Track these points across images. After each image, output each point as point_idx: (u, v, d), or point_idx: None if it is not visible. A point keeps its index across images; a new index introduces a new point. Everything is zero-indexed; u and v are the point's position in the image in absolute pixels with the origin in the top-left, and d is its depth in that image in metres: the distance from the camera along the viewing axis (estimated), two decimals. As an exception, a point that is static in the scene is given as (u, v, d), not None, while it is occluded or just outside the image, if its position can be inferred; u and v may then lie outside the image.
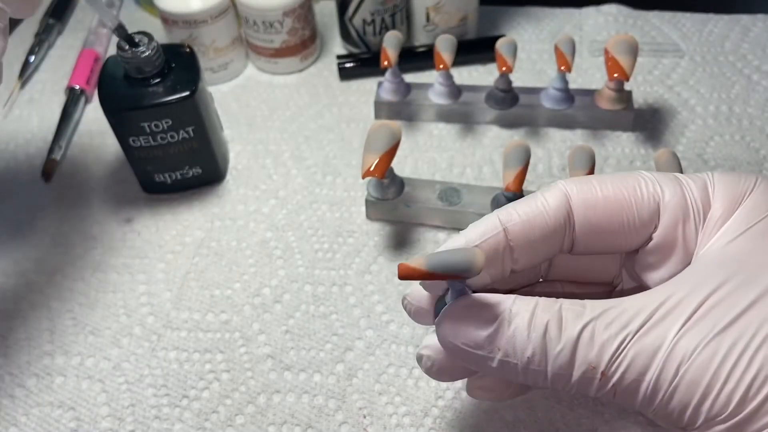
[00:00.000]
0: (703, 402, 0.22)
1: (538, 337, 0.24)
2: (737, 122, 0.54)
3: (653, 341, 0.23)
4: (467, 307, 0.25)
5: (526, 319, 0.24)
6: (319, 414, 0.39)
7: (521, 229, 0.26)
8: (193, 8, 0.56)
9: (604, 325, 0.24)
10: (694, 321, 0.23)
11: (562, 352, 0.24)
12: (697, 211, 0.26)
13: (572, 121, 0.54)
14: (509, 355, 0.24)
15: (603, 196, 0.26)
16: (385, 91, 0.55)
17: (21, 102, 0.61)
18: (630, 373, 0.23)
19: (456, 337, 0.25)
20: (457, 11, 0.60)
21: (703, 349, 0.22)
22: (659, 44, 0.62)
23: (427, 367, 0.28)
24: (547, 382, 0.24)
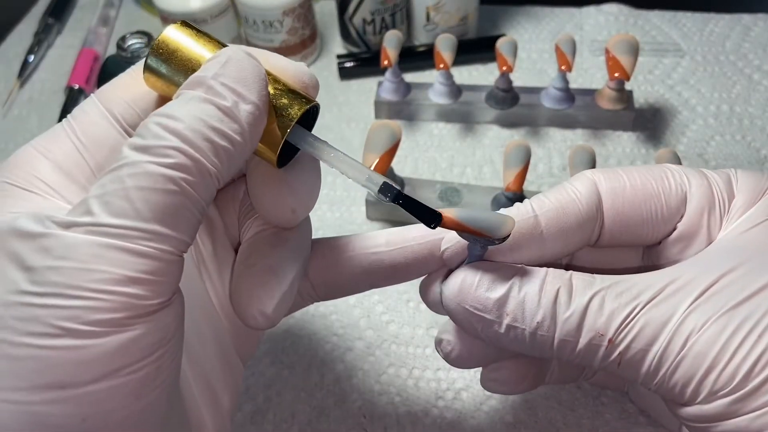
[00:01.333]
0: (708, 375, 0.22)
1: (548, 302, 0.24)
2: (738, 122, 0.54)
3: (663, 313, 0.23)
4: (477, 270, 0.25)
5: (537, 284, 0.24)
6: (319, 414, 0.39)
7: (554, 216, 0.26)
8: (192, 7, 0.56)
9: (614, 295, 0.24)
10: (705, 297, 0.23)
11: (570, 317, 0.24)
12: (722, 201, 0.26)
13: (573, 121, 0.54)
14: (517, 320, 0.24)
15: (631, 185, 0.26)
16: (385, 91, 0.55)
17: (20, 101, 0.61)
18: (637, 342, 0.23)
19: (464, 299, 0.25)
20: (458, 11, 0.59)
21: (712, 323, 0.22)
22: (660, 44, 0.62)
23: (446, 352, 0.28)
24: (553, 350, 0.24)
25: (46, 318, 0.19)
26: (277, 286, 0.26)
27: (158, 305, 0.20)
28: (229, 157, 0.22)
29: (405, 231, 0.29)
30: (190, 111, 0.21)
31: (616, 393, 0.38)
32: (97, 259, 0.19)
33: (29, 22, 0.69)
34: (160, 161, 0.20)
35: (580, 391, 0.39)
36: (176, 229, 0.21)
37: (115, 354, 0.19)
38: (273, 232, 0.27)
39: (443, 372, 0.40)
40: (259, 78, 0.23)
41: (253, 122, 0.23)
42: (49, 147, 0.24)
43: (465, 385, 0.40)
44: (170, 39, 0.24)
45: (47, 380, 0.19)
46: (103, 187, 0.20)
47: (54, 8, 0.68)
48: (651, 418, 0.37)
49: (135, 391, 0.20)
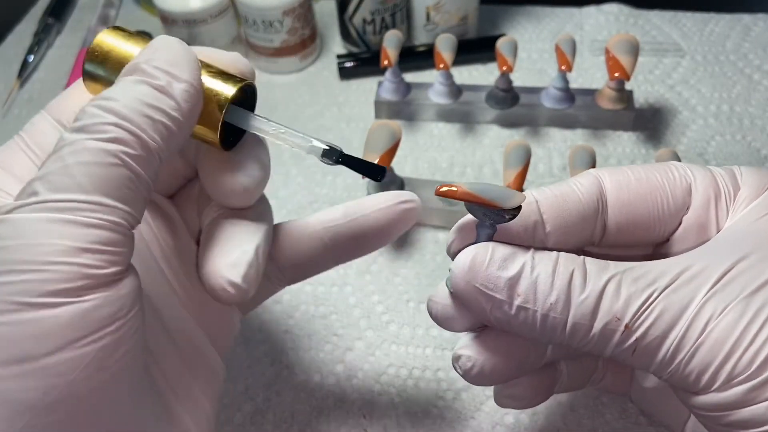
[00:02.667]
0: (726, 361, 0.22)
1: (563, 284, 0.23)
2: (738, 122, 0.54)
3: (682, 298, 0.23)
4: (488, 248, 0.24)
5: (550, 265, 0.24)
6: (319, 414, 0.39)
7: (554, 201, 0.25)
8: (192, 7, 0.56)
9: (630, 279, 0.23)
10: (722, 284, 0.23)
11: (586, 300, 0.23)
12: (728, 192, 0.26)
13: (573, 121, 0.54)
14: (529, 301, 0.23)
15: (635, 178, 0.26)
16: (385, 91, 0.55)
17: (20, 101, 0.61)
18: (655, 328, 0.23)
19: (474, 277, 0.24)
20: (458, 10, 0.59)
21: (731, 309, 0.22)
22: (660, 44, 0.62)
23: (466, 369, 0.26)
24: (564, 335, 0.24)
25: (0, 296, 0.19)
26: (242, 255, 0.26)
27: (112, 275, 0.21)
28: (169, 132, 0.23)
29: (361, 201, 0.30)
30: (125, 92, 0.22)
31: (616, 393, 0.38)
32: (44, 234, 0.20)
33: (29, 22, 0.69)
34: (99, 137, 0.21)
35: (580, 392, 0.39)
36: (121, 200, 0.21)
37: (71, 324, 0.20)
38: (231, 212, 0.28)
39: (443, 372, 0.40)
40: (191, 60, 0.24)
41: (189, 99, 0.23)
42: (5, 161, 0.25)
43: (465, 385, 0.40)
44: (104, 42, 0.25)
45: (5, 356, 0.19)
46: (45, 168, 0.21)
47: (54, 8, 0.68)
48: (651, 419, 0.37)
49: (96, 362, 0.20)
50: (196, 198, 0.30)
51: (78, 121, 0.22)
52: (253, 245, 0.27)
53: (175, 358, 0.27)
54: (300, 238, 0.30)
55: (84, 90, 0.26)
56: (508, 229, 0.25)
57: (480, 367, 0.26)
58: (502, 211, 0.23)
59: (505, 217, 0.23)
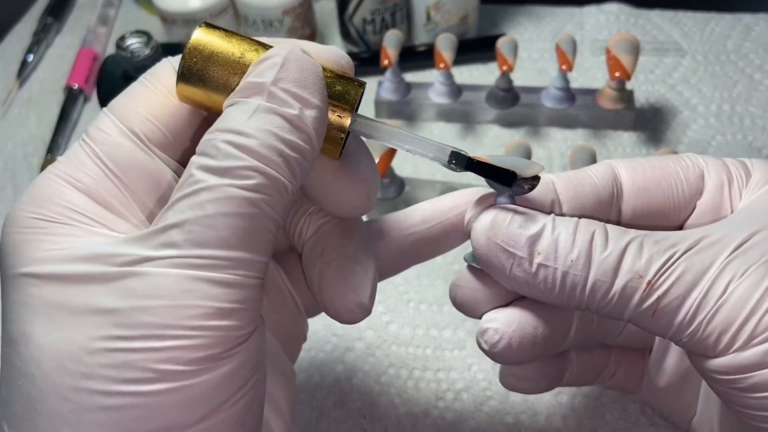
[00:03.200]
0: (747, 322, 0.22)
1: (584, 242, 0.23)
2: (739, 121, 0.54)
3: (704, 260, 0.23)
4: (509, 209, 0.24)
5: (570, 226, 0.24)
6: (320, 414, 0.39)
7: (569, 183, 0.25)
8: (192, 7, 0.56)
9: (652, 241, 0.23)
10: (742, 250, 0.23)
11: (608, 257, 0.23)
12: (740, 176, 0.26)
13: (573, 121, 0.54)
14: (549, 258, 0.23)
15: (649, 165, 0.26)
16: (385, 91, 0.55)
17: (19, 101, 0.61)
18: (677, 287, 0.22)
19: (496, 234, 0.24)
20: (458, 10, 0.59)
21: (752, 272, 0.22)
22: (661, 43, 0.61)
23: (493, 342, 0.25)
24: (584, 294, 0.23)
25: (141, 362, 0.18)
26: (365, 274, 0.25)
27: (249, 333, 0.20)
28: (302, 168, 0.21)
29: (438, 204, 0.28)
30: (258, 125, 0.20)
31: (616, 393, 0.38)
32: (188, 294, 0.18)
33: (28, 21, 0.69)
34: (240, 183, 0.19)
35: (580, 392, 0.39)
36: (259, 252, 0.20)
37: (215, 390, 0.19)
38: (337, 222, 0.26)
39: (443, 373, 0.40)
40: (319, 77, 0.22)
41: (319, 127, 0.22)
42: (75, 175, 0.22)
43: (465, 385, 0.40)
44: (203, 43, 0.22)
45: (150, 427, 0.18)
46: (181, 213, 0.19)
47: (53, 8, 0.68)
48: (651, 419, 0.37)
49: (238, 422, 0.20)
50: None
51: (211, 158, 0.20)
52: (372, 261, 0.26)
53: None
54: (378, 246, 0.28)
55: (153, 90, 0.24)
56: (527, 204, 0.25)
57: (508, 340, 0.25)
58: (520, 180, 0.23)
59: (524, 187, 0.24)
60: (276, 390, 0.27)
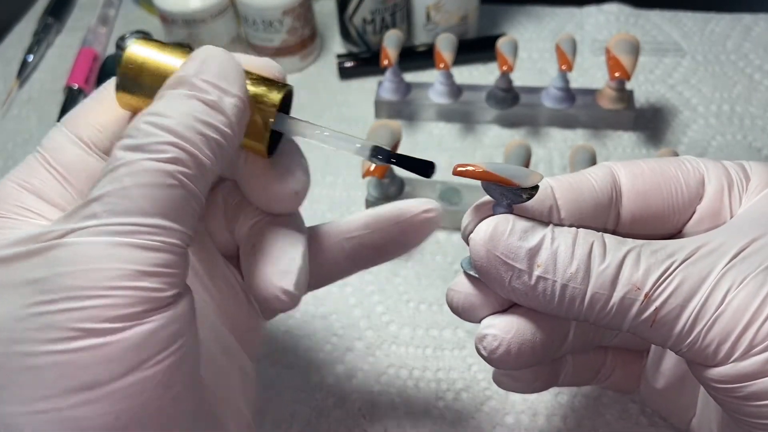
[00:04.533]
0: (747, 329, 0.22)
1: (583, 254, 0.23)
2: (739, 122, 0.54)
3: (701, 270, 0.23)
4: (509, 219, 0.24)
5: (570, 237, 0.24)
6: (319, 414, 0.39)
7: (569, 188, 0.25)
8: (192, 7, 0.56)
9: (650, 252, 0.23)
10: (741, 258, 0.23)
11: (606, 270, 0.23)
12: (740, 181, 0.26)
13: (573, 121, 0.54)
14: (549, 271, 0.23)
15: (649, 168, 0.26)
16: (385, 91, 0.55)
17: (19, 101, 0.61)
18: (675, 298, 0.22)
19: (495, 246, 0.24)
20: (458, 10, 0.59)
21: (750, 280, 0.22)
22: (660, 43, 0.61)
23: (492, 348, 0.25)
24: (583, 306, 0.23)
25: (62, 322, 0.19)
26: (292, 261, 0.26)
27: (172, 297, 0.21)
28: (221, 149, 0.23)
29: (381, 210, 0.30)
30: (177, 107, 0.22)
31: (616, 393, 0.38)
32: (106, 258, 0.20)
33: (28, 21, 0.69)
34: (157, 157, 0.21)
35: (580, 392, 0.39)
36: (179, 222, 0.21)
37: (137, 347, 0.20)
38: (269, 220, 0.28)
39: (443, 372, 0.40)
40: (238, 72, 0.24)
41: (239, 114, 0.23)
42: (27, 180, 0.24)
43: (465, 385, 0.40)
44: (136, 54, 0.25)
45: (74, 383, 0.19)
46: (101, 188, 0.21)
47: (53, 8, 0.68)
48: (652, 419, 0.37)
49: (163, 382, 0.20)
50: (222, 209, 0.29)
51: (131, 138, 0.21)
52: (300, 251, 0.27)
53: (213, 366, 0.27)
54: (321, 247, 0.30)
55: (102, 102, 0.26)
56: (524, 212, 0.25)
57: (507, 346, 0.25)
58: (519, 190, 0.23)
59: (522, 196, 0.24)
60: (231, 387, 0.27)
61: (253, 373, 0.29)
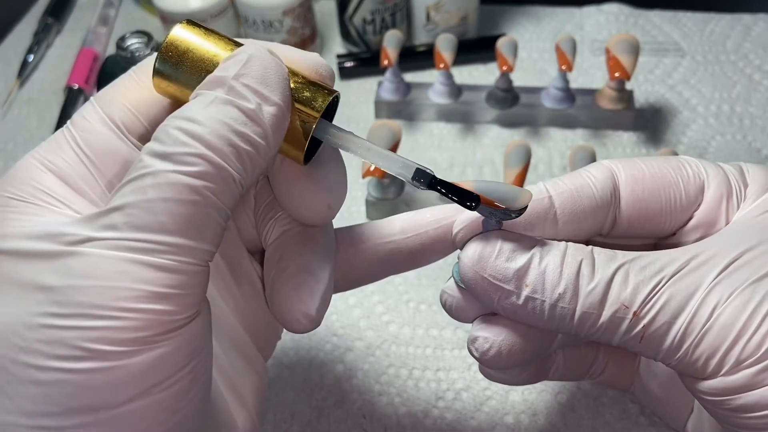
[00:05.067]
0: (735, 345, 0.22)
1: (571, 274, 0.23)
2: (739, 122, 0.54)
3: (688, 285, 0.23)
4: (497, 239, 0.24)
5: (558, 256, 0.24)
6: (319, 414, 0.39)
7: (569, 197, 0.25)
8: (192, 7, 0.56)
9: (638, 268, 0.23)
10: (729, 271, 0.23)
11: (594, 289, 0.23)
12: (739, 190, 0.26)
13: (573, 121, 0.54)
14: (537, 291, 0.23)
15: (650, 173, 0.26)
16: (385, 91, 0.55)
17: (20, 101, 0.61)
18: (663, 315, 0.23)
19: (483, 268, 0.24)
20: (458, 10, 0.59)
21: (738, 295, 0.22)
22: (660, 43, 0.62)
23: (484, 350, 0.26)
24: (572, 324, 0.24)
25: (72, 340, 0.18)
26: (316, 285, 0.25)
27: (186, 319, 0.20)
28: (253, 162, 0.21)
29: (418, 216, 0.28)
30: (212, 114, 0.20)
31: (616, 393, 0.38)
32: (121, 276, 0.19)
33: (29, 21, 0.69)
34: (184, 170, 0.20)
35: (580, 392, 0.39)
36: (201, 239, 0.20)
37: (145, 372, 0.19)
38: (299, 231, 0.26)
39: (443, 372, 0.40)
40: (282, 77, 0.22)
41: (276, 124, 0.22)
42: (52, 159, 0.23)
43: (465, 385, 0.40)
44: (180, 39, 0.23)
45: (79, 404, 0.19)
46: (124, 197, 0.20)
47: (53, 8, 0.68)
48: (652, 419, 0.37)
49: (170, 407, 0.20)
50: (251, 205, 0.28)
51: (159, 142, 0.20)
52: (327, 273, 0.25)
53: (228, 365, 0.27)
54: (355, 252, 0.29)
55: (138, 82, 0.24)
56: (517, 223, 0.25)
57: (498, 348, 0.26)
58: (508, 210, 0.23)
59: (511, 215, 0.23)
60: (243, 383, 0.27)
61: (265, 374, 0.29)
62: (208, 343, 0.21)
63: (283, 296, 0.25)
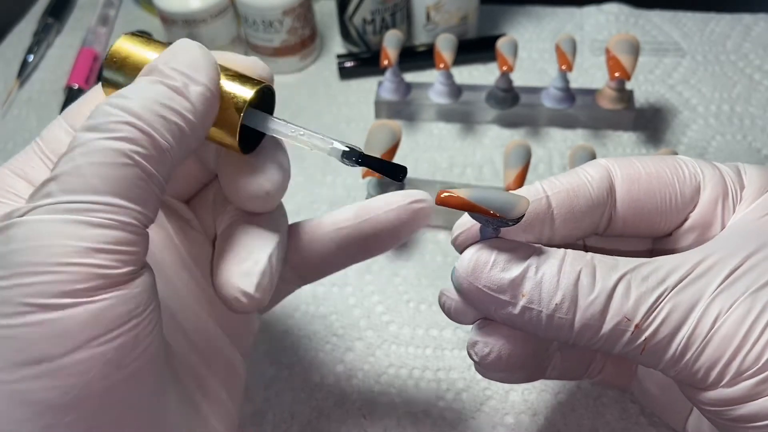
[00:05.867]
0: (735, 357, 0.22)
1: (569, 284, 0.23)
2: (739, 122, 0.54)
3: (691, 297, 0.23)
4: (492, 249, 0.24)
5: (555, 265, 0.23)
6: (319, 414, 0.39)
7: (565, 197, 0.25)
8: (192, 7, 0.56)
9: (640, 278, 0.23)
10: (730, 281, 0.23)
11: (595, 301, 0.23)
12: (735, 191, 0.26)
13: (573, 121, 0.54)
14: (534, 301, 0.23)
15: (646, 173, 0.26)
16: (385, 91, 0.55)
17: (19, 101, 0.61)
18: (665, 327, 0.22)
19: (477, 278, 0.24)
20: (458, 10, 0.59)
21: (739, 305, 0.22)
22: (660, 43, 0.62)
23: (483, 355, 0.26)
24: (572, 334, 0.23)
25: (14, 297, 0.19)
26: (255, 265, 0.26)
27: (126, 275, 0.21)
28: (182, 133, 0.22)
29: (372, 201, 0.29)
30: (140, 91, 0.22)
31: (616, 393, 0.38)
32: (56, 235, 0.20)
33: (29, 21, 0.69)
34: (110, 135, 0.21)
35: (580, 392, 0.39)
36: (133, 200, 0.21)
37: (86, 324, 0.20)
38: (246, 219, 0.28)
39: (443, 372, 0.40)
40: (209, 63, 0.24)
41: (204, 102, 0.23)
42: (21, 167, 0.25)
43: (465, 385, 0.40)
44: (122, 48, 0.25)
45: (23, 357, 0.19)
46: (57, 168, 0.21)
47: (53, 8, 0.68)
48: (652, 419, 0.37)
49: (113, 360, 0.20)
50: (210, 200, 0.30)
51: (91, 119, 0.21)
52: (266, 253, 0.27)
53: (195, 358, 0.27)
54: (312, 238, 0.30)
55: (99, 96, 0.26)
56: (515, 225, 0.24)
57: (497, 352, 0.26)
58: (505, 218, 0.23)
59: (508, 223, 0.23)
60: (216, 380, 0.28)
61: (241, 366, 0.30)
62: (154, 307, 0.22)
63: (222, 276, 0.26)
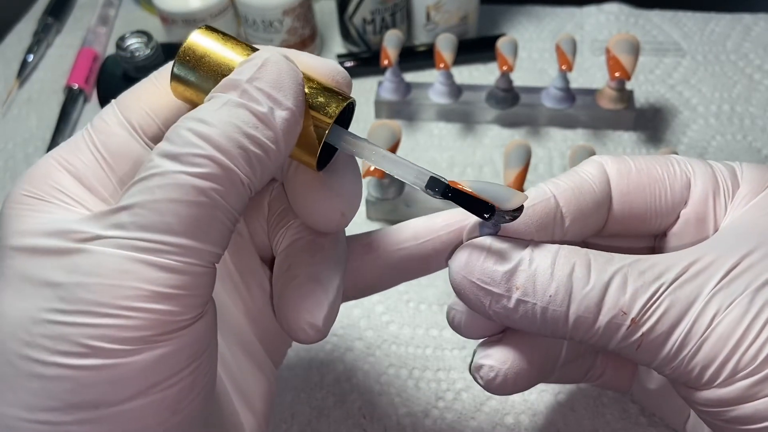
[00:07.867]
0: (731, 357, 0.22)
1: (563, 275, 0.23)
2: (739, 122, 0.54)
3: (689, 294, 0.22)
4: (485, 243, 0.24)
5: (549, 257, 0.23)
6: (319, 414, 0.39)
7: (572, 196, 0.25)
8: (191, 7, 0.56)
9: (637, 273, 0.23)
10: (728, 279, 0.22)
11: (590, 293, 0.23)
12: (727, 188, 0.26)
13: (573, 121, 0.54)
14: (528, 294, 0.23)
15: (636, 169, 0.26)
16: (385, 91, 0.55)
17: (19, 101, 0.61)
18: (662, 324, 0.22)
19: (471, 271, 0.23)
20: (458, 10, 0.59)
21: (736, 304, 0.22)
22: (660, 43, 0.61)
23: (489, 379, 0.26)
24: (567, 328, 0.23)
25: (74, 337, 0.19)
26: (324, 295, 0.25)
27: (189, 320, 0.20)
28: (262, 165, 0.21)
29: (430, 221, 0.28)
30: (223, 116, 0.21)
31: (616, 393, 0.38)
32: (125, 275, 0.19)
33: (28, 21, 0.69)
34: (191, 171, 0.20)
35: (580, 392, 0.39)
36: (207, 241, 0.20)
37: (147, 371, 0.19)
38: (310, 239, 0.26)
39: (443, 372, 0.40)
40: (296, 82, 0.22)
41: (288, 129, 0.22)
42: (69, 159, 0.23)
43: (465, 386, 0.40)
44: (197, 44, 0.24)
45: (79, 400, 0.19)
46: (132, 197, 0.20)
47: (53, 8, 0.68)
48: (652, 419, 0.37)
49: (170, 407, 0.20)
50: (264, 213, 0.28)
51: (170, 143, 0.20)
52: (335, 284, 0.25)
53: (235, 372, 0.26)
54: (366, 259, 0.28)
55: (158, 86, 0.24)
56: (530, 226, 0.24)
57: (503, 376, 0.25)
58: (501, 212, 0.23)
59: (506, 218, 0.23)
60: (251, 388, 0.27)
61: (274, 380, 0.29)
62: (213, 345, 0.21)
63: (290, 305, 0.25)
